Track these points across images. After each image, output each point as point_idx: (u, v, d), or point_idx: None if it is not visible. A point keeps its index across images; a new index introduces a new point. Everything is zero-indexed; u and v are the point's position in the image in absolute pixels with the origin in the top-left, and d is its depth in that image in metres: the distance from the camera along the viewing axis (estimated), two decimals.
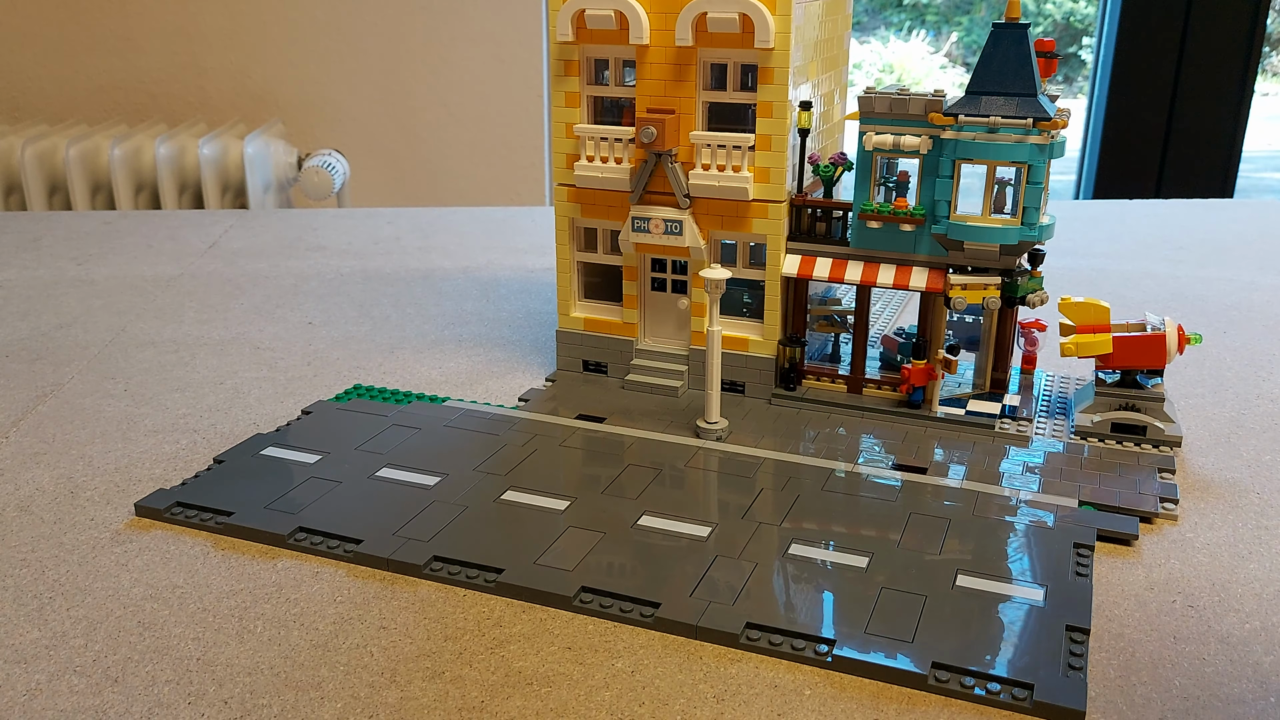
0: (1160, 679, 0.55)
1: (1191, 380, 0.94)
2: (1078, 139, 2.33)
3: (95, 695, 0.54)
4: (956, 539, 0.67)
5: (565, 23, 0.85)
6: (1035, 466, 0.77)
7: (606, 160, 0.87)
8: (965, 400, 0.85)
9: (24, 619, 0.60)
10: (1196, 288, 1.23)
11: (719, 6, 0.80)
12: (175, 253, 1.38)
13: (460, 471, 0.75)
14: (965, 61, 3.63)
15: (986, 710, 0.53)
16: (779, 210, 0.85)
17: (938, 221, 0.81)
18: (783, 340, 0.88)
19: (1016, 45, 0.78)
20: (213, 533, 0.69)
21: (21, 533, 0.69)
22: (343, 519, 0.69)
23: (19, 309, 1.15)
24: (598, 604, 0.60)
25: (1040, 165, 0.77)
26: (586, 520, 0.69)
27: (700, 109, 0.85)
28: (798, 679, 0.55)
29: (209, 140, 1.99)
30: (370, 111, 2.18)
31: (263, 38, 2.14)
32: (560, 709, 0.53)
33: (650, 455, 0.79)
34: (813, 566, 0.64)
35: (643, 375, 0.91)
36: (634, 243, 0.88)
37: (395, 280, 1.26)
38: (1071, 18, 3.44)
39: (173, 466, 0.78)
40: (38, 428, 0.85)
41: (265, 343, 1.05)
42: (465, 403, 0.88)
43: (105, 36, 2.15)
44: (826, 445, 0.81)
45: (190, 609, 0.61)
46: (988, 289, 0.81)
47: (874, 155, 0.83)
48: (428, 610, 0.61)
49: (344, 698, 0.53)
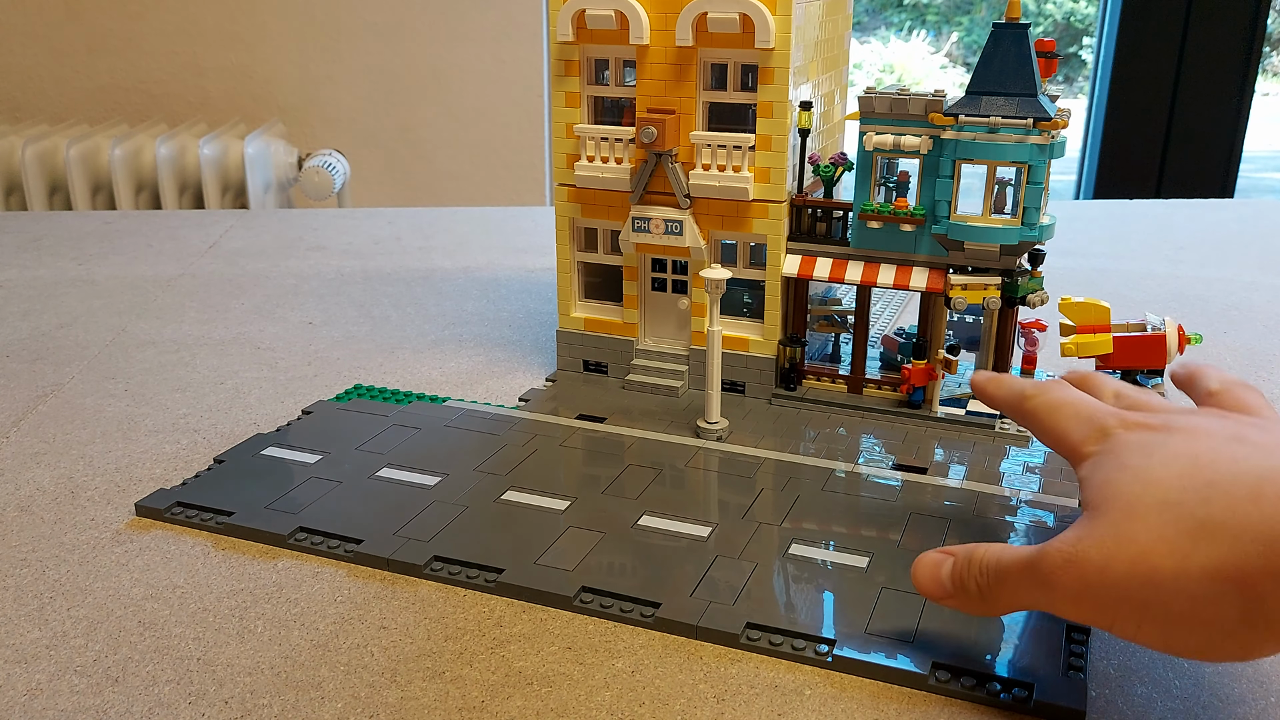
0: (1160, 679, 0.55)
1: None
2: (1078, 139, 2.33)
3: (96, 695, 0.54)
4: (957, 539, 0.67)
5: (565, 23, 0.85)
6: (1035, 466, 0.77)
7: (607, 160, 0.87)
8: (965, 400, 0.85)
9: (24, 619, 0.60)
10: (1197, 288, 1.23)
11: (719, 6, 0.81)
12: (175, 253, 1.38)
13: (460, 471, 0.75)
14: (965, 61, 3.63)
15: (986, 710, 0.53)
16: (779, 210, 0.85)
17: (938, 221, 0.81)
18: (783, 340, 0.88)
19: (1017, 45, 0.78)
20: (213, 533, 0.69)
21: (22, 533, 0.69)
22: (343, 519, 0.69)
23: (19, 309, 1.15)
24: (598, 604, 0.60)
25: (1040, 165, 0.77)
26: (587, 520, 0.69)
27: (700, 109, 0.85)
28: (798, 679, 0.55)
29: (209, 140, 1.99)
30: (370, 111, 2.18)
31: (263, 38, 2.14)
32: (560, 709, 0.53)
33: (650, 455, 0.79)
34: (813, 566, 0.64)
35: (643, 375, 0.91)
36: (634, 243, 0.88)
37: (395, 280, 1.26)
38: (1071, 18, 3.44)
39: (173, 466, 0.78)
40: (38, 428, 0.85)
41: (265, 343, 1.05)
42: (466, 403, 0.88)
43: (105, 36, 2.15)
44: (827, 445, 0.81)
45: (191, 609, 0.61)
46: (988, 289, 0.81)
47: (874, 155, 0.83)
48: (428, 610, 0.61)
49: (344, 697, 0.53)
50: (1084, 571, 0.46)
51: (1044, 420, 0.57)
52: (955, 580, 0.53)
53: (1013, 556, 0.50)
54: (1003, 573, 0.50)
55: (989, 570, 0.51)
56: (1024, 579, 0.49)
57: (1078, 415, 0.55)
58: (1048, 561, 0.48)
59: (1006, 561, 0.50)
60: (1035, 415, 0.58)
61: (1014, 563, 0.50)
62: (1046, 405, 0.58)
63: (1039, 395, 0.59)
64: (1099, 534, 0.47)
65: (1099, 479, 0.50)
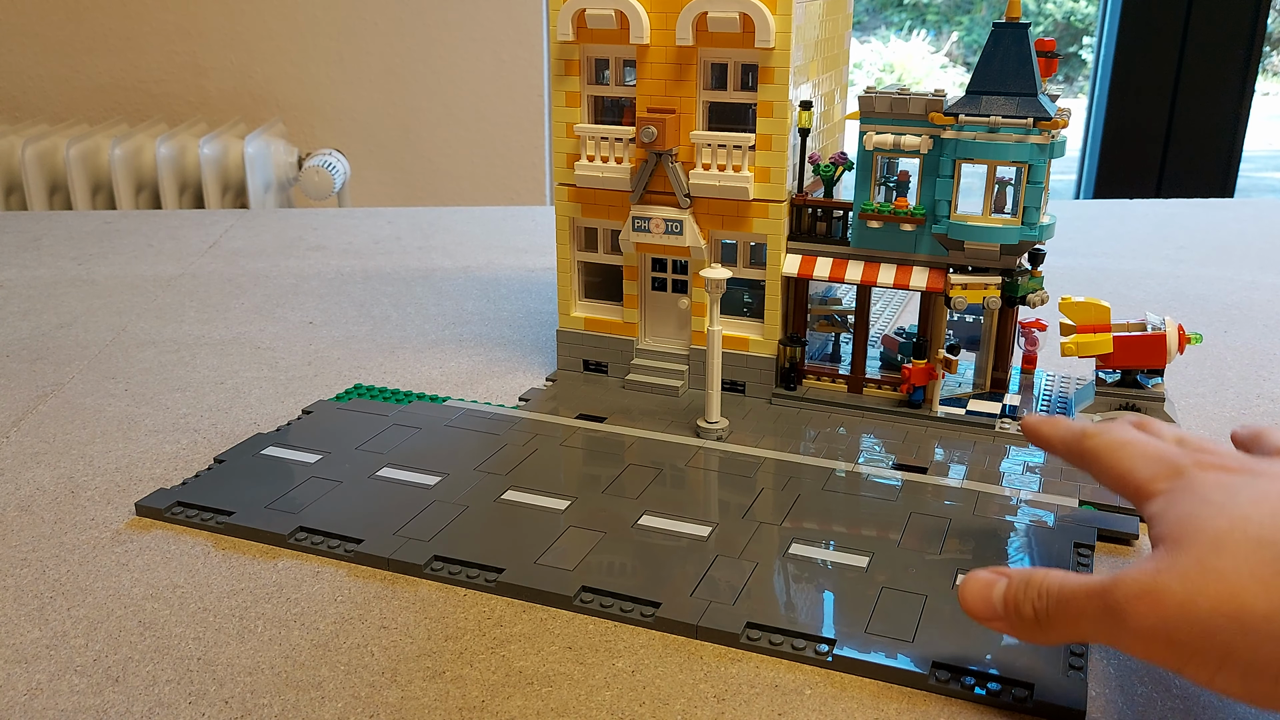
0: (1160, 679, 0.55)
1: (1192, 380, 0.94)
2: (1078, 139, 2.33)
3: (96, 695, 0.54)
4: (957, 539, 0.67)
5: (566, 22, 0.85)
6: (1035, 466, 0.77)
7: (607, 160, 0.87)
8: (966, 400, 0.85)
9: (25, 618, 0.60)
10: (1197, 287, 1.23)
11: (719, 6, 0.81)
12: (176, 252, 1.38)
13: (461, 471, 0.75)
14: (966, 61, 3.63)
15: (986, 710, 0.53)
16: (779, 210, 0.85)
17: (938, 221, 0.81)
18: (783, 340, 0.88)
19: (1017, 45, 0.78)
20: (213, 532, 0.69)
21: (22, 532, 0.69)
22: (343, 519, 0.69)
23: (20, 308, 1.15)
24: (598, 604, 0.60)
25: (1041, 165, 0.77)
26: (587, 520, 0.69)
27: (701, 109, 0.85)
28: (798, 679, 0.55)
29: (209, 140, 1.99)
30: (370, 111, 2.18)
31: (263, 38, 2.14)
32: (561, 709, 0.53)
33: (651, 455, 0.79)
34: (813, 566, 0.64)
35: (643, 375, 0.91)
36: (634, 242, 0.88)
37: (395, 280, 1.26)
38: (1071, 17, 3.44)
39: (173, 466, 0.78)
40: (38, 427, 0.85)
41: (266, 342, 1.05)
42: (466, 402, 0.88)
43: (106, 36, 2.14)
44: (827, 445, 0.81)
45: (191, 609, 0.61)
46: (988, 289, 0.81)
47: (874, 155, 0.83)
48: (428, 610, 0.61)
49: (344, 697, 0.53)
50: (1162, 606, 0.43)
51: (1105, 458, 0.55)
52: (1009, 603, 0.50)
53: (1078, 583, 0.48)
54: (1065, 599, 0.48)
55: (1050, 595, 0.48)
56: (1090, 608, 0.46)
57: (1144, 454, 0.53)
58: (1121, 591, 0.45)
59: (1071, 588, 0.48)
60: (1096, 454, 0.56)
61: (1079, 590, 0.47)
62: (1109, 444, 0.56)
63: (1101, 434, 0.57)
64: (1182, 566, 0.44)
65: (1176, 513, 0.47)
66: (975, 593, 0.52)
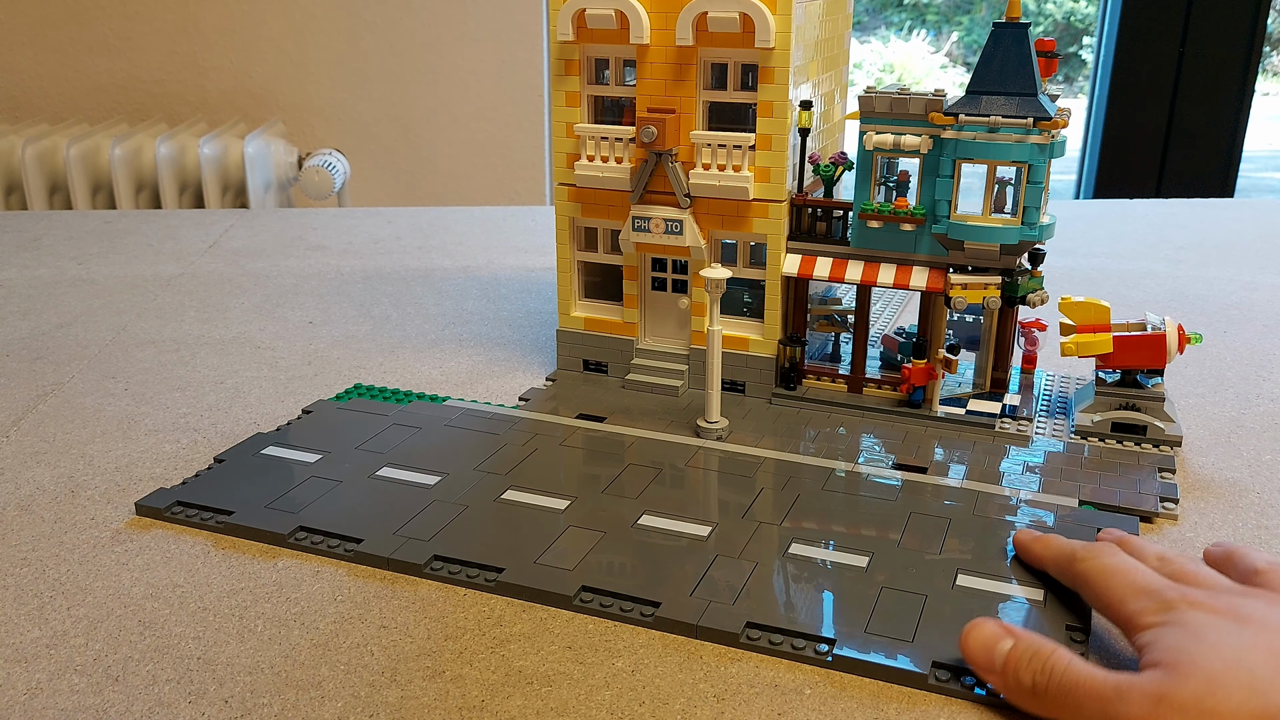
0: None
1: (1192, 380, 0.94)
2: (1078, 139, 2.33)
3: (96, 694, 0.54)
4: (957, 538, 0.67)
5: (566, 22, 0.85)
6: (1035, 466, 0.77)
7: (607, 160, 0.87)
8: (965, 400, 0.85)
9: (24, 618, 0.60)
10: (1197, 287, 1.23)
11: (719, 6, 0.81)
12: (176, 252, 1.38)
13: (460, 471, 0.75)
14: (966, 61, 3.63)
15: (986, 710, 0.53)
16: (779, 210, 0.85)
17: (938, 221, 0.81)
18: (783, 340, 0.88)
19: (1017, 45, 0.78)
20: (213, 532, 0.69)
21: (22, 532, 0.69)
22: (343, 518, 0.69)
23: (20, 308, 1.15)
24: (598, 603, 0.60)
25: (1041, 165, 0.77)
26: (587, 520, 0.69)
27: (701, 108, 0.85)
28: (798, 678, 0.55)
29: (209, 140, 1.99)
30: (370, 111, 2.18)
31: (263, 38, 2.14)
32: (560, 708, 0.53)
33: (650, 455, 0.79)
34: (813, 566, 0.64)
35: (643, 375, 0.91)
36: (634, 242, 0.88)
37: (395, 280, 1.26)
38: (1071, 17, 3.44)
39: (173, 466, 0.78)
40: (38, 427, 0.85)
41: (266, 342, 1.05)
42: (466, 402, 0.88)
43: (105, 36, 2.14)
44: (827, 445, 0.81)
45: (191, 608, 0.61)
46: (988, 288, 0.81)
47: (874, 155, 0.83)
48: (428, 609, 0.61)
49: (344, 697, 0.53)
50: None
51: (1095, 585, 0.56)
52: (1010, 665, 0.51)
53: (1084, 675, 0.49)
54: (1068, 687, 0.49)
55: (1053, 675, 0.50)
56: (1090, 708, 0.48)
57: (1134, 585, 0.54)
58: (1126, 712, 0.47)
59: (1075, 678, 0.49)
60: (1086, 579, 0.57)
61: (1084, 683, 0.49)
62: (1099, 570, 0.57)
63: (1090, 559, 0.58)
64: (1182, 699, 0.46)
65: (1169, 644, 0.49)
66: (979, 642, 0.53)
